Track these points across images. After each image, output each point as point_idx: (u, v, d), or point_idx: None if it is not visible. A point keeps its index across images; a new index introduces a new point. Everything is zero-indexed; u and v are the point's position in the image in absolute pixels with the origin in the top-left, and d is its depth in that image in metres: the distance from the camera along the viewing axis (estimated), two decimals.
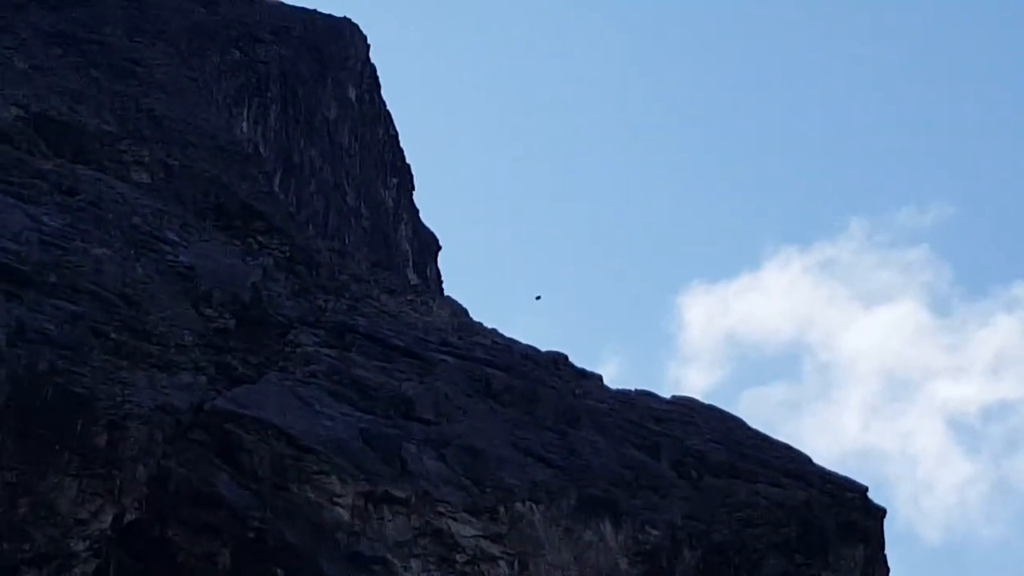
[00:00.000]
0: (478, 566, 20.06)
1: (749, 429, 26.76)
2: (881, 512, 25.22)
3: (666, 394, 28.40)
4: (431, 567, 19.59)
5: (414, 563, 19.48)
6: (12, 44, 29.10)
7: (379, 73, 49.05)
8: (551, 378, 25.64)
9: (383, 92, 48.99)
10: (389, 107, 49.57)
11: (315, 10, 45.69)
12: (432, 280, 46.14)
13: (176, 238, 23.64)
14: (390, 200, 47.03)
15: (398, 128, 49.76)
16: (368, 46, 47.89)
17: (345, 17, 47.14)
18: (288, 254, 25.99)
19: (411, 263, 45.26)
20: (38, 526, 17.21)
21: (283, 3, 44.40)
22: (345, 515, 19.35)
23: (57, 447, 17.65)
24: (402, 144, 50.01)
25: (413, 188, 49.90)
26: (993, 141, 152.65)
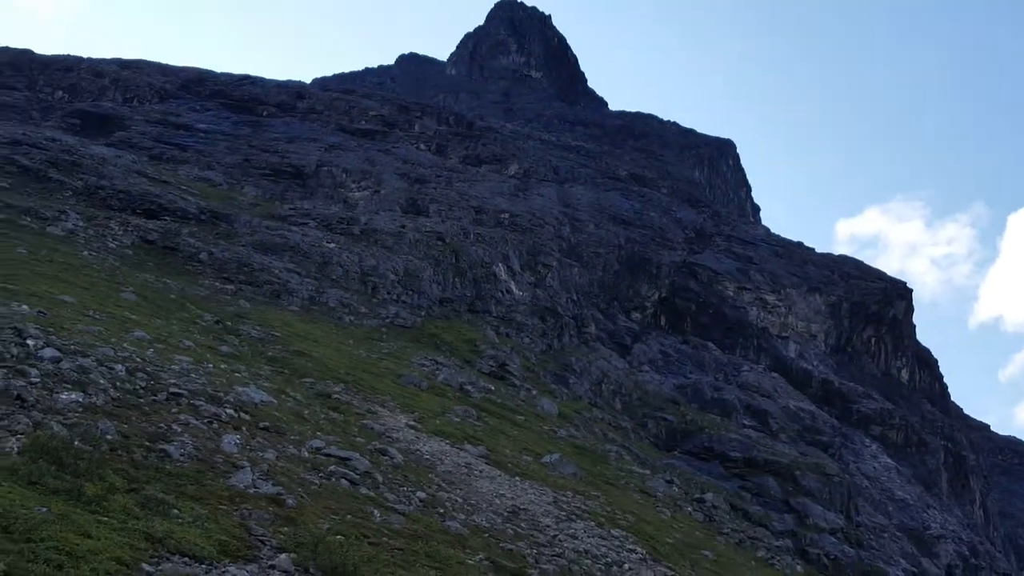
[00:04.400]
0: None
1: None
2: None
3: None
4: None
5: None
6: None
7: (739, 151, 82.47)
8: (802, 250, 57.37)
9: (742, 161, 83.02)
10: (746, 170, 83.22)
11: (718, 136, 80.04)
12: (758, 219, 79.63)
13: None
14: (748, 204, 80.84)
15: (751, 182, 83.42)
16: (735, 146, 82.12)
17: (728, 138, 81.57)
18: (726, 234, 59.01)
19: (750, 217, 78.72)
20: None
21: (707, 135, 78.56)
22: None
23: None
24: (752, 187, 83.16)
25: (754, 202, 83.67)
26: None
